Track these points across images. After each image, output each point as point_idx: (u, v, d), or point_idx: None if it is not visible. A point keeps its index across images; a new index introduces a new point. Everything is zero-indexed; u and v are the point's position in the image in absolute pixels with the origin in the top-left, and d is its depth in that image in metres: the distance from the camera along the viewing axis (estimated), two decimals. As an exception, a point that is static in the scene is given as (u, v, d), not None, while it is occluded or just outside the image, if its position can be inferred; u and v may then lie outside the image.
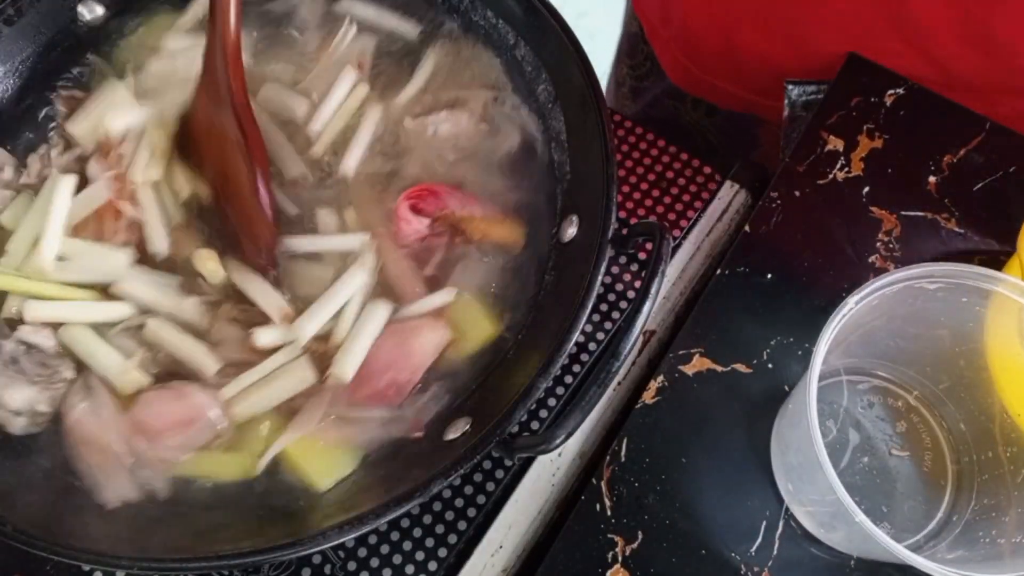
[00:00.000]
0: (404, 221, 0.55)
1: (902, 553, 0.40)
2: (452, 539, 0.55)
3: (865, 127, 0.62)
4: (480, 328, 0.53)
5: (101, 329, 0.53)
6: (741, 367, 0.56)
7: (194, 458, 0.50)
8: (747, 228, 0.60)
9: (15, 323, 0.52)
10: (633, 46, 0.86)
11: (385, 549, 0.55)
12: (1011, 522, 0.47)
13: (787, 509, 0.52)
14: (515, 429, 0.45)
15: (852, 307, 0.45)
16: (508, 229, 0.56)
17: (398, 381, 0.51)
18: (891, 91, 0.63)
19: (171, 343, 0.52)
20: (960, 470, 0.53)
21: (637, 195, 0.67)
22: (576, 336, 0.46)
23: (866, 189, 0.61)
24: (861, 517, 0.41)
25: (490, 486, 0.57)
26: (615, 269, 0.64)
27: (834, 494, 0.41)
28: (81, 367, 0.52)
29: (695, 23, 0.73)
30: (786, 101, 0.68)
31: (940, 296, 0.47)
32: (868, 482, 0.53)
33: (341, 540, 0.43)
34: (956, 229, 0.59)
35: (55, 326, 0.52)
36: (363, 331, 0.52)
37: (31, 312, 0.52)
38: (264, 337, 0.51)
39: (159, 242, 0.55)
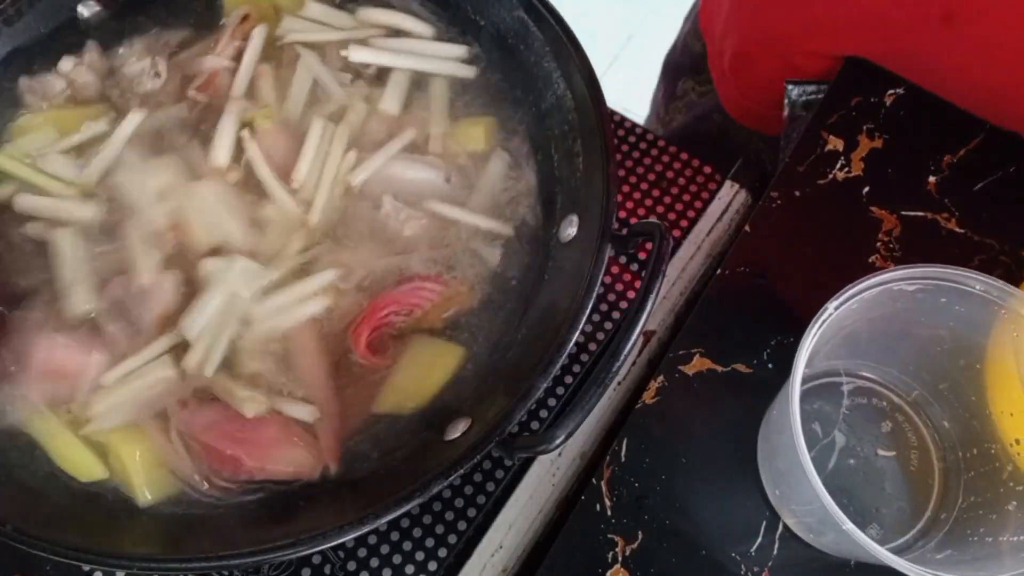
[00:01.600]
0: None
1: (889, 559, 0.40)
2: (452, 539, 0.55)
3: (865, 127, 0.62)
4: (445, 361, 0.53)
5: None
6: (741, 367, 0.56)
7: (41, 416, 0.50)
8: (747, 228, 0.60)
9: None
10: (698, 63, 0.85)
11: (385, 549, 0.55)
12: (998, 520, 0.47)
13: (787, 509, 0.52)
14: (515, 429, 0.45)
15: (831, 312, 0.45)
16: (460, 297, 0.54)
17: (239, 462, 0.49)
18: (891, 91, 0.63)
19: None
20: (947, 468, 0.53)
21: (637, 195, 0.67)
22: (576, 336, 0.46)
23: (866, 189, 0.61)
24: (849, 525, 0.41)
25: (490, 486, 0.57)
26: (615, 269, 0.64)
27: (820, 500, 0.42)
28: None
29: (747, 56, 0.73)
30: (786, 101, 0.68)
31: (919, 297, 0.47)
32: (856, 484, 0.53)
33: (341, 540, 0.43)
34: (956, 229, 0.59)
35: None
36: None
37: (22, 202, 0.55)
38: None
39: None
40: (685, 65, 0.89)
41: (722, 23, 0.75)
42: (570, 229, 0.53)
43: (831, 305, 0.45)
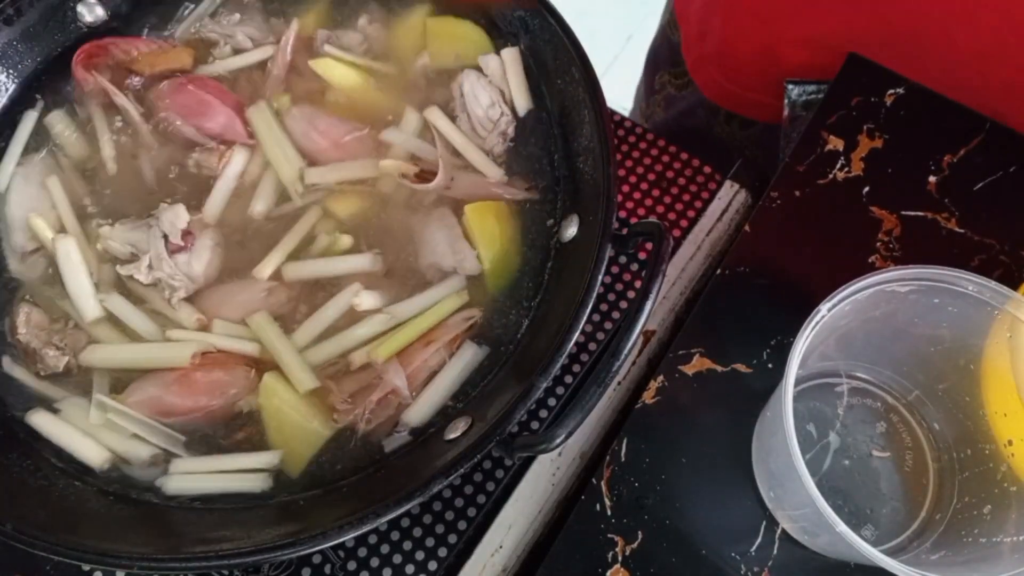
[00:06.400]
0: (83, 81, 0.58)
1: (883, 561, 0.40)
2: (452, 539, 0.55)
3: (865, 127, 0.62)
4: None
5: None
6: (741, 367, 0.56)
7: None
8: (747, 228, 0.60)
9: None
10: (675, 55, 0.85)
11: (385, 549, 0.55)
12: (992, 520, 0.47)
13: (786, 509, 0.52)
14: (515, 429, 0.45)
15: (824, 315, 0.45)
16: (176, 55, 0.60)
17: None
18: (891, 91, 0.63)
19: None
20: (941, 468, 0.53)
21: (637, 195, 0.67)
22: (576, 336, 0.46)
23: (866, 189, 0.61)
24: (842, 527, 0.41)
25: (490, 486, 0.57)
26: (615, 269, 0.64)
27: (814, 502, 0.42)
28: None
29: (735, 37, 0.72)
30: (786, 101, 0.68)
31: (913, 298, 0.47)
32: (851, 484, 0.53)
33: (341, 540, 0.43)
34: (956, 229, 0.59)
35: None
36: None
37: None
38: None
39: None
40: (663, 57, 0.89)
41: (701, 5, 0.75)
42: (570, 229, 0.53)
43: (824, 307, 0.45)
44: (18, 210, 0.56)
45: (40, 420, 0.51)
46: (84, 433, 0.51)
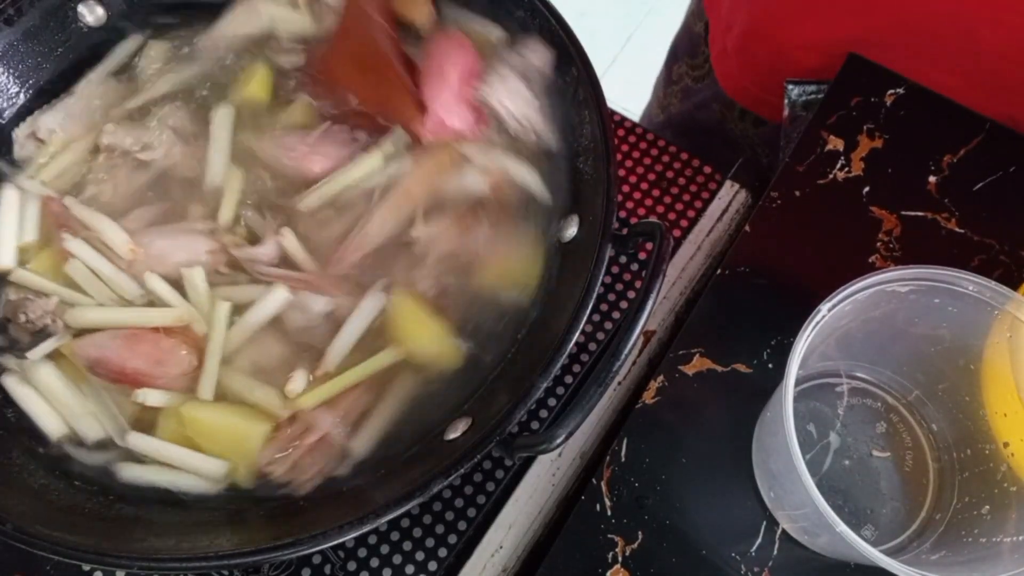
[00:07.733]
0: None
1: (883, 560, 0.40)
2: (452, 539, 0.55)
3: (865, 127, 0.62)
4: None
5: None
6: (741, 367, 0.56)
7: None
8: (747, 228, 0.60)
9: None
10: (695, 46, 0.85)
11: (385, 549, 0.55)
12: (992, 520, 0.47)
13: (787, 509, 0.52)
14: (515, 429, 0.45)
15: (825, 314, 0.45)
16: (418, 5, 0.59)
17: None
18: (891, 91, 0.63)
19: None
20: (941, 468, 0.53)
21: (637, 195, 0.67)
22: (576, 336, 0.46)
23: (866, 189, 0.61)
24: (842, 527, 0.41)
25: (490, 486, 0.57)
26: (615, 269, 0.64)
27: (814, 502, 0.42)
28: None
29: (755, 34, 0.72)
30: (786, 101, 0.68)
31: (913, 298, 0.47)
32: (851, 484, 0.53)
33: (341, 540, 0.43)
34: (956, 229, 0.59)
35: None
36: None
37: None
38: None
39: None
40: (683, 48, 0.89)
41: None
42: (571, 229, 0.53)
43: (824, 307, 0.45)
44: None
45: (11, 383, 0.52)
46: (47, 402, 0.52)
